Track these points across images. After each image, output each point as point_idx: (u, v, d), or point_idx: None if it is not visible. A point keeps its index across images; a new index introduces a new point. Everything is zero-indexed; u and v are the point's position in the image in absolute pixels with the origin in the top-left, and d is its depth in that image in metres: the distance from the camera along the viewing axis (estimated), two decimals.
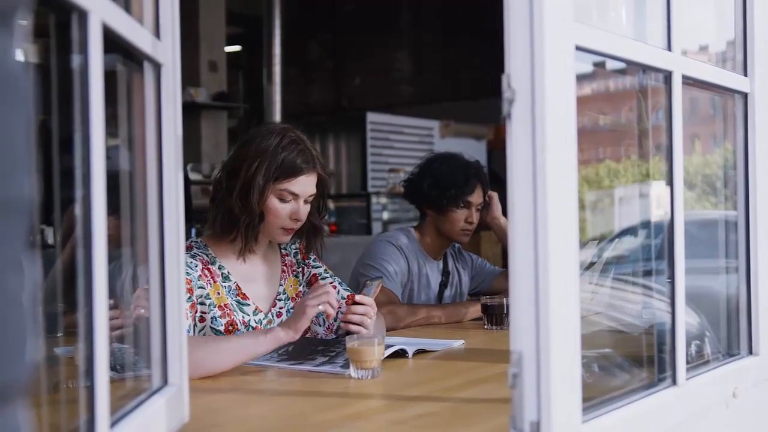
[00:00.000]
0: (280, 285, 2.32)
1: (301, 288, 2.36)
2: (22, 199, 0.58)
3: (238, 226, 2.17)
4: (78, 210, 1.01)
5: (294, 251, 2.39)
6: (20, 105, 0.58)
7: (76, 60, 1.02)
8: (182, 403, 1.41)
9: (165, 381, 1.37)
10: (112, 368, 1.15)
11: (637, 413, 1.38)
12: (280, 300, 2.30)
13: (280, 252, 2.37)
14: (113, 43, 1.12)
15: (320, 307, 1.97)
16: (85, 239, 1.01)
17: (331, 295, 1.99)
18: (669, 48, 1.51)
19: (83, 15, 1.00)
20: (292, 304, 2.31)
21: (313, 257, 2.42)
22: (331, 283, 2.36)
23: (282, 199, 2.17)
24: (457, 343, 2.32)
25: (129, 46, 1.20)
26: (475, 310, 2.81)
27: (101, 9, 1.03)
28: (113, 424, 1.09)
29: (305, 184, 2.20)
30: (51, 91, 1.04)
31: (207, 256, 2.19)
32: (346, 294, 2.36)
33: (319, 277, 2.38)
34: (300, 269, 2.38)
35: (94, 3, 1.01)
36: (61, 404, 1.25)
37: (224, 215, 2.18)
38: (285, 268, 2.35)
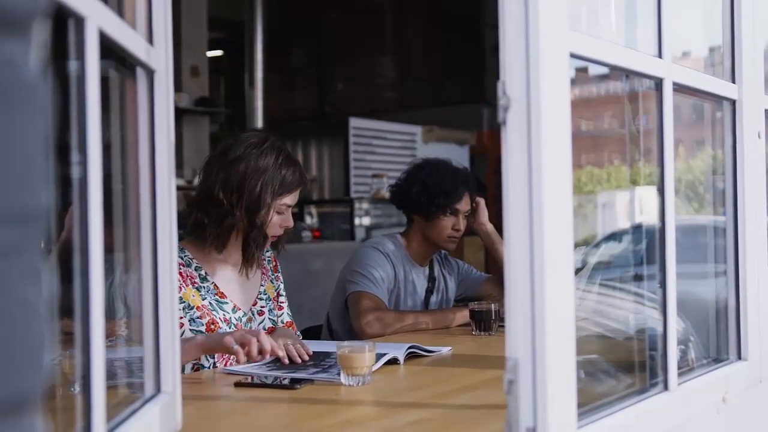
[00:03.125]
0: (261, 285, 2.40)
1: (276, 293, 2.46)
2: (39, 209, 0.58)
3: (230, 238, 2.25)
4: (75, 216, 1.00)
5: (267, 259, 2.47)
6: (38, 114, 0.58)
7: (72, 66, 1.02)
8: (175, 411, 1.40)
9: (158, 389, 1.36)
10: None
11: (631, 418, 1.38)
12: (261, 299, 2.38)
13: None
14: (107, 48, 1.11)
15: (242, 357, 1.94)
16: (81, 245, 1.00)
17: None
18: (660, 55, 1.52)
19: (80, 21, 0.99)
20: (273, 305, 2.41)
21: (277, 272, 2.50)
22: (282, 303, 2.46)
23: (278, 213, 2.27)
24: (446, 350, 2.33)
25: (124, 52, 1.19)
26: (462, 315, 2.81)
27: (98, 15, 1.03)
28: None
29: (297, 195, 2.31)
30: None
31: (182, 258, 2.20)
32: (287, 320, 2.42)
33: (278, 292, 2.47)
34: (275, 276, 2.47)
35: (91, 9, 1.00)
36: (51, 411, 1.24)
37: (227, 231, 2.24)
38: (264, 270, 2.43)
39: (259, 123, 8.26)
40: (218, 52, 9.90)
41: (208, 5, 7.89)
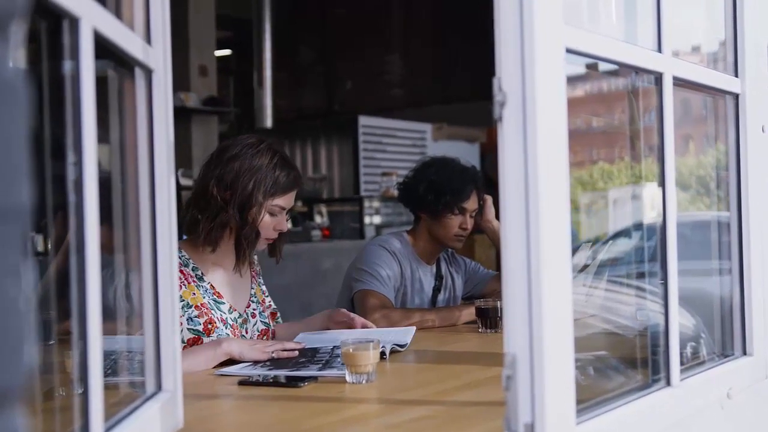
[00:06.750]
0: (252, 288, 2.44)
1: (263, 296, 2.48)
2: (20, 206, 0.59)
3: (223, 238, 2.27)
4: (71, 217, 1.01)
5: (255, 263, 2.51)
6: (17, 112, 0.59)
7: (67, 66, 1.02)
8: (176, 409, 1.40)
9: (159, 387, 1.36)
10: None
11: (632, 414, 1.38)
12: (253, 302, 2.42)
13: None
14: (104, 48, 1.12)
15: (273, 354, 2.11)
16: (78, 246, 1.01)
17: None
18: (659, 49, 1.52)
19: (74, 21, 1.00)
20: (261, 308, 2.44)
21: (261, 278, 2.52)
22: (254, 311, 2.44)
23: (271, 214, 2.29)
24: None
25: (120, 52, 1.20)
26: (468, 313, 2.81)
27: (92, 15, 1.03)
28: (107, 430, 1.09)
29: (292, 199, 2.34)
30: (41, 97, 1.03)
31: (180, 258, 2.22)
32: (262, 327, 2.42)
33: (264, 294, 2.50)
34: (261, 279, 2.51)
35: (86, 9, 1.01)
36: (53, 411, 1.25)
37: (219, 228, 2.25)
38: (254, 274, 2.47)
39: (268, 122, 8.27)
40: (226, 52, 9.91)
41: (216, 4, 7.90)
